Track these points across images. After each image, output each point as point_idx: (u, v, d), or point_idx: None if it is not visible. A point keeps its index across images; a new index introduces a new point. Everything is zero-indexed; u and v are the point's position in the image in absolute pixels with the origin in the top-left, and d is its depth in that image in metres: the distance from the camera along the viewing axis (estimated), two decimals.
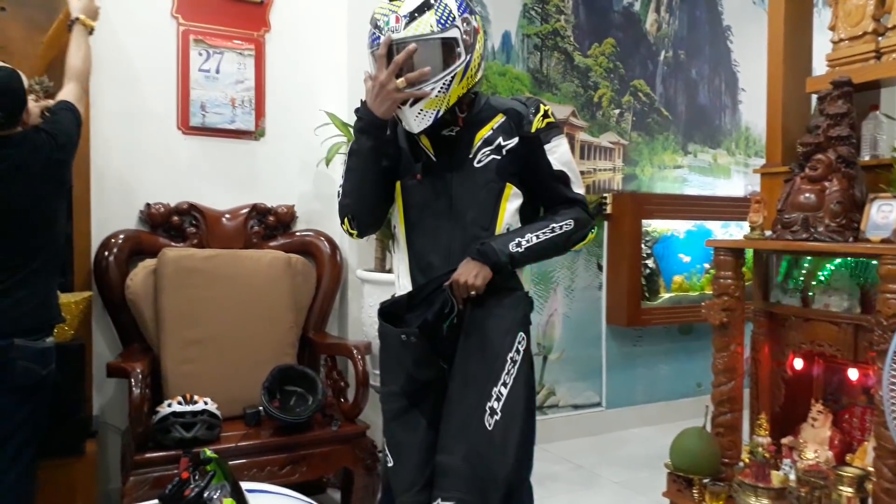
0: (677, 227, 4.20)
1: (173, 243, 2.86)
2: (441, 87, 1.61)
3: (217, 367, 2.64)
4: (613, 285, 4.06)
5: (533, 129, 1.70)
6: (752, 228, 2.47)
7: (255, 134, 3.12)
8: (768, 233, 2.45)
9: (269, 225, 3.05)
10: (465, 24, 1.63)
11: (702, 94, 4.51)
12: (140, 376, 2.31)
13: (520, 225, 1.73)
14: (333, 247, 3.11)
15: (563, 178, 1.73)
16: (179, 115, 2.99)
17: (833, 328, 2.30)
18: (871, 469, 2.06)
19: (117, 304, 2.69)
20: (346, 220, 1.77)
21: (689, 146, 4.46)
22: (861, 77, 2.35)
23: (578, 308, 4.03)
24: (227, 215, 2.98)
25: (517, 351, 1.66)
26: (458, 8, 1.63)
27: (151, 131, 2.95)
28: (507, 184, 1.71)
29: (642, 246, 4.02)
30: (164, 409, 2.36)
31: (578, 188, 1.76)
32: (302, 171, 3.20)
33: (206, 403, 2.42)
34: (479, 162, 1.69)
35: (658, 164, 4.32)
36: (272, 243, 3.04)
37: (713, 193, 4.50)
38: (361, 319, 2.96)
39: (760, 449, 2.26)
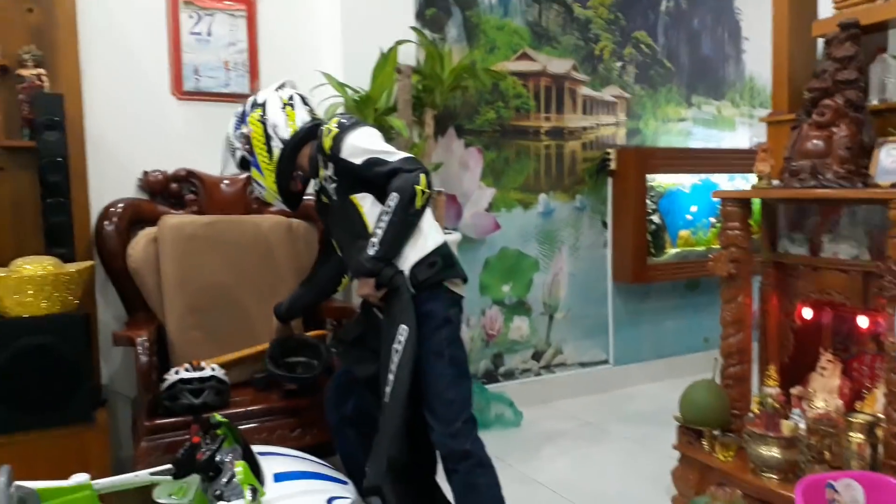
0: (683, 182, 4.14)
1: (172, 211, 2.83)
2: (258, 189, 2.20)
3: (222, 334, 2.64)
4: (619, 242, 4.04)
5: (328, 151, 2.02)
6: (760, 178, 2.43)
7: None
8: (776, 182, 2.41)
9: None
10: (241, 141, 2.14)
11: (704, 45, 4.41)
12: (146, 344, 2.31)
13: None
14: None
15: (373, 162, 1.98)
16: (172, 80, 2.93)
17: (842, 276, 2.28)
18: (881, 416, 2.06)
19: (120, 273, 2.68)
20: None
21: (693, 98, 4.39)
22: (868, 18, 2.28)
23: (584, 266, 4.01)
24: (226, 181, 2.94)
25: (398, 342, 1.91)
26: (235, 132, 2.17)
27: (145, 98, 2.90)
28: (352, 195, 2.04)
29: (647, 201, 3.98)
30: (171, 377, 2.36)
31: (389, 157, 1.98)
32: None
33: (213, 370, 2.41)
34: (331, 195, 2.10)
35: (662, 118, 4.26)
36: (273, 208, 3.00)
37: (718, 146, 4.43)
38: None
39: (770, 399, 2.25)
